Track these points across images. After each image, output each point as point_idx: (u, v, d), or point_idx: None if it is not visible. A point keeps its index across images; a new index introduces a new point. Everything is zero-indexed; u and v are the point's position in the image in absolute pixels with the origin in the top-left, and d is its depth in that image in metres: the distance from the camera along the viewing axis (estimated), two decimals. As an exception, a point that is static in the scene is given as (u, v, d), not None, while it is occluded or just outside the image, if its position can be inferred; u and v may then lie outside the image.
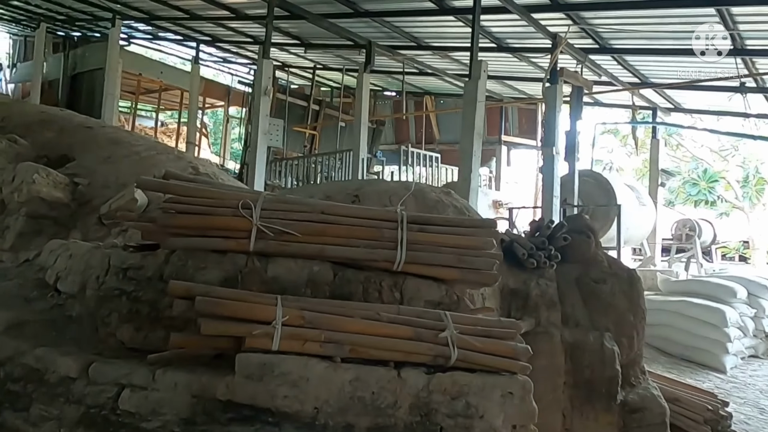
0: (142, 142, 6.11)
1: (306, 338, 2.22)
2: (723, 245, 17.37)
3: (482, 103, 6.88)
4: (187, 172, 5.41)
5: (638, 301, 3.81)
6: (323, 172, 12.99)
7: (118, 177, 5.01)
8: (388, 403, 2.20)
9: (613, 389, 3.54)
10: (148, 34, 17.56)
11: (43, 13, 16.72)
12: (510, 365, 2.38)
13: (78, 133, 6.13)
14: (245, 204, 2.48)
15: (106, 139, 5.94)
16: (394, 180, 11.73)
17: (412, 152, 12.94)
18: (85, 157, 5.56)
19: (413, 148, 13.68)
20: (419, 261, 2.57)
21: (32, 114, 7.01)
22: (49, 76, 19.74)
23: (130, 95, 20.44)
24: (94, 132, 6.23)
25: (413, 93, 17.16)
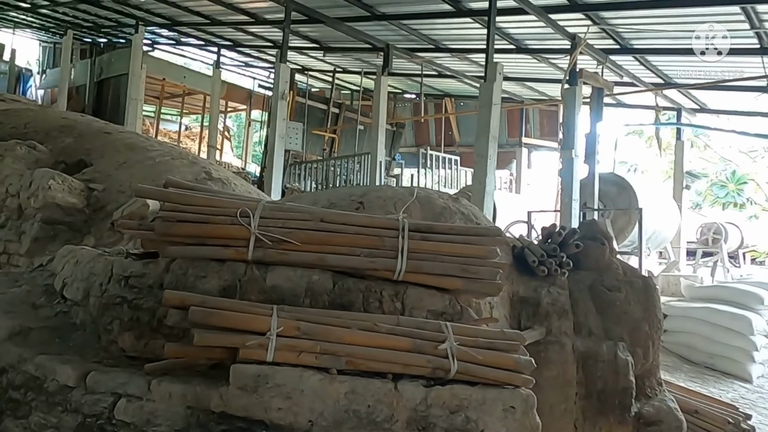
0: (158, 147, 6.16)
1: (301, 349, 2.18)
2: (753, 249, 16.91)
3: (498, 106, 6.79)
4: (201, 177, 5.47)
5: (654, 310, 3.69)
6: (342, 175, 13.01)
7: (133, 182, 5.05)
8: (385, 416, 2.15)
9: (627, 401, 3.43)
10: (172, 40, 17.82)
11: (70, 20, 17.11)
12: (512, 378, 2.31)
13: (96, 139, 6.22)
14: (243, 212, 2.46)
15: (123, 145, 6.01)
16: (402, 186, 11.70)
17: (431, 155, 12.88)
18: (101, 162, 5.63)
19: (432, 151, 13.61)
20: (421, 270, 2.51)
21: (53, 120, 7.14)
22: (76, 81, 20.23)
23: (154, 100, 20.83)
24: (111, 138, 6.31)
25: (433, 95, 17.11)
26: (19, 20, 19.54)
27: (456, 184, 13.06)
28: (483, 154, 6.69)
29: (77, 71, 20.77)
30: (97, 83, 19.52)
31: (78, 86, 20.13)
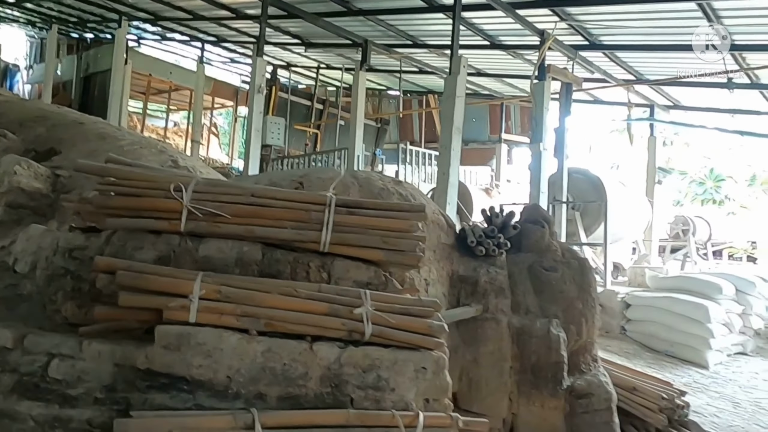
0: (128, 137, 6.28)
1: (223, 311, 2.33)
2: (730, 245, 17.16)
3: (462, 98, 6.95)
4: (167, 165, 5.59)
5: (588, 290, 3.87)
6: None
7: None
8: (299, 374, 2.31)
9: (559, 375, 3.60)
10: (157, 35, 17.89)
11: (55, 15, 17.16)
12: (424, 341, 2.47)
13: (68, 129, 6.33)
14: (177, 187, 2.61)
15: (94, 134, 6.13)
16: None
17: (410, 150, 13.04)
18: (71, 150, 5.75)
19: (412, 147, 13.78)
20: (345, 242, 2.67)
21: (29, 111, 7.24)
22: (63, 77, 20.26)
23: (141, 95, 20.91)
24: (84, 128, 6.42)
25: (417, 92, 17.28)
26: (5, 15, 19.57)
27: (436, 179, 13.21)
28: (447, 145, 6.85)
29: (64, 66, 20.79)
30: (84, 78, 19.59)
31: (65, 81, 20.17)
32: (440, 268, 3.63)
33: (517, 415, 3.63)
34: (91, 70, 19.56)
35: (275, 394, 2.29)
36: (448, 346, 3.55)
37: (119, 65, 14.23)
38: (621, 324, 7.70)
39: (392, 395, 2.37)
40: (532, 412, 3.61)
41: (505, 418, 3.65)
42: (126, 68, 17.30)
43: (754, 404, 5.73)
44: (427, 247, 3.55)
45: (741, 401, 5.78)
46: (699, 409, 5.35)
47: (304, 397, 2.30)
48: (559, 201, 8.56)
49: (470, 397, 3.64)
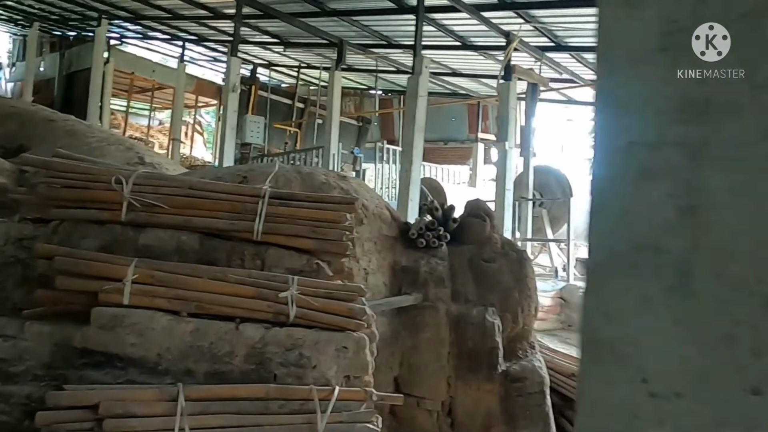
0: (98, 134, 6.43)
1: (155, 295, 2.52)
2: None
3: (424, 98, 7.16)
4: (133, 161, 5.75)
5: (525, 280, 4.09)
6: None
7: (65, 165, 5.35)
8: (225, 352, 2.50)
9: (494, 360, 3.81)
10: (139, 34, 17.96)
11: (36, 12, 17.17)
12: (345, 323, 2.67)
13: (39, 126, 6.47)
14: (117, 179, 2.79)
15: (63, 131, 6.28)
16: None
17: (387, 149, 13.23)
18: (40, 147, 5.89)
19: (389, 145, 13.96)
20: (277, 232, 2.86)
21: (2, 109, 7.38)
22: (46, 74, 20.25)
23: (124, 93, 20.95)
24: (54, 125, 6.57)
25: (397, 91, 17.47)
26: (-14, 12, 19.52)
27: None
28: (409, 143, 7.06)
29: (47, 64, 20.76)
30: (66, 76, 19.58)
31: (48, 79, 20.13)
32: (381, 258, 3.83)
33: (455, 398, 3.84)
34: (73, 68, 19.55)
35: (203, 371, 2.48)
36: (390, 333, 3.80)
37: (99, 63, 14.32)
38: (582, 317, 7.94)
39: (314, 372, 2.57)
40: (469, 395, 3.83)
41: (444, 401, 3.86)
42: (108, 66, 17.37)
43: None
44: (368, 239, 3.76)
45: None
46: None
47: (230, 373, 2.50)
48: (525, 198, 8.80)
49: (410, 380, 3.85)
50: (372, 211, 3.82)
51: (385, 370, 3.76)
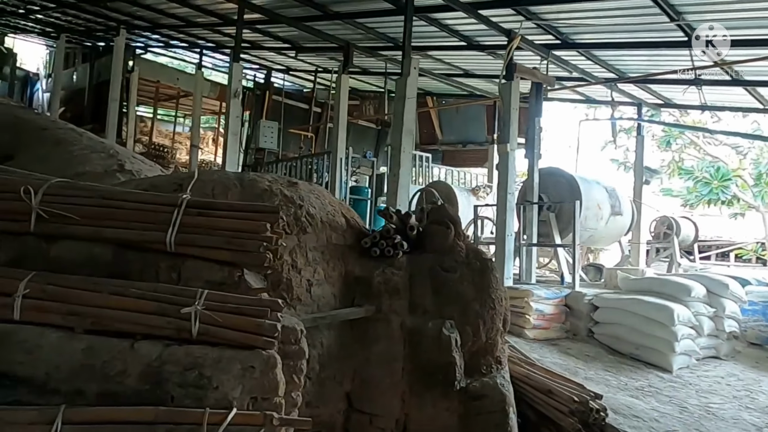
0: (85, 142, 6.45)
1: (48, 310, 2.41)
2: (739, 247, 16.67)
3: (412, 100, 6.95)
4: (111, 169, 5.74)
5: (487, 291, 3.85)
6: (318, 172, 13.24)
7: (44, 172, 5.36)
8: (118, 371, 2.36)
9: (451, 376, 3.59)
10: (161, 42, 18.28)
11: (63, 24, 17.68)
12: (252, 340, 2.50)
13: (29, 135, 6.53)
14: (26, 189, 2.70)
15: (51, 140, 6.31)
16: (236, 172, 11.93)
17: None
18: (22, 156, 5.96)
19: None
20: (190, 243, 2.72)
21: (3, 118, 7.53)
22: (78, 84, 20.87)
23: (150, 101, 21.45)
24: (45, 133, 6.61)
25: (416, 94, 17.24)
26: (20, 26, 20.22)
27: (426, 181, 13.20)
28: (397, 146, 6.85)
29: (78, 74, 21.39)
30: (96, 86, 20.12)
31: (79, 89, 20.73)
32: (330, 268, 3.66)
33: (409, 415, 3.63)
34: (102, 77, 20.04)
35: (94, 391, 2.35)
36: (339, 346, 3.62)
37: (117, 72, 14.56)
38: (588, 326, 7.57)
39: (215, 393, 2.41)
40: (424, 413, 3.62)
41: (398, 419, 3.65)
42: (133, 75, 17.77)
43: (703, 409, 5.58)
44: (314, 248, 3.59)
45: (690, 406, 5.63)
46: (641, 414, 5.25)
47: (123, 394, 2.36)
48: (529, 202, 8.47)
49: (362, 396, 3.66)
50: (320, 219, 3.65)
51: (334, 385, 3.58)
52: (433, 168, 14.09)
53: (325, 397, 3.52)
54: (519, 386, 4.38)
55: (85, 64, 21.49)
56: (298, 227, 3.48)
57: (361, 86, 17.54)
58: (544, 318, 7.36)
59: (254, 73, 17.93)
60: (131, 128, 18.57)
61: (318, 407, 3.50)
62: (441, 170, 14.38)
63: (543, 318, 7.33)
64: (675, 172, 18.75)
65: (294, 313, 3.27)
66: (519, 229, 8.78)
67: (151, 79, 19.85)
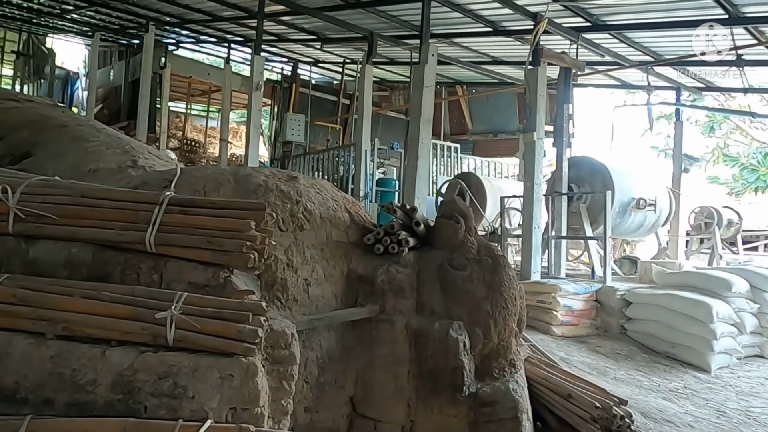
0: (102, 139, 6.43)
1: (17, 315, 2.30)
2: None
3: (431, 88, 6.68)
4: (125, 165, 5.70)
5: (499, 290, 3.60)
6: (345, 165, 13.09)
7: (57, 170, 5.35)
8: (88, 380, 2.24)
9: (458, 381, 3.37)
10: (191, 38, 18.42)
11: (98, 23, 17.99)
12: (231, 347, 2.34)
13: (48, 132, 6.56)
14: (3, 188, 2.60)
15: (69, 137, 6.31)
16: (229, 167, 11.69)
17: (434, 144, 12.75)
18: (40, 153, 5.98)
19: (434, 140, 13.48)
20: (170, 243, 2.58)
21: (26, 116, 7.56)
22: (115, 82, 21.27)
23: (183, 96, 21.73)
24: (64, 130, 6.62)
25: (444, 83, 16.92)
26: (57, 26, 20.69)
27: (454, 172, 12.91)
28: (415, 137, 6.60)
29: (115, 72, 21.81)
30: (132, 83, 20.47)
31: (116, 87, 21.15)
32: (331, 267, 3.47)
33: (415, 422, 3.43)
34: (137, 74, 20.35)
35: (63, 401, 2.23)
36: (341, 349, 3.44)
37: (147, 69, 14.71)
38: (620, 323, 7.21)
39: (191, 404, 2.26)
40: (431, 420, 3.41)
41: (404, 425, 3.46)
42: (165, 71, 17.98)
43: (743, 414, 5.20)
44: (312, 245, 3.42)
45: (729, 410, 5.27)
46: (673, 418, 4.93)
47: (93, 403, 2.23)
48: (558, 192, 8.12)
49: (366, 401, 3.48)
50: (319, 215, 3.46)
51: (336, 390, 3.41)
52: (463, 159, 13.77)
53: (325, 402, 3.35)
54: (538, 390, 4.13)
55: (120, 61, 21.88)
56: (294, 224, 3.30)
57: (390, 77, 17.29)
58: (572, 314, 7.04)
59: (282, 66, 17.88)
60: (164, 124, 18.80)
61: (318, 412, 3.34)
62: (471, 161, 14.05)
63: (571, 314, 7.01)
64: (719, 159, 17.87)
65: (289, 315, 3.10)
66: (548, 221, 8.44)
67: (184, 74, 20.06)
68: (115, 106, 21.74)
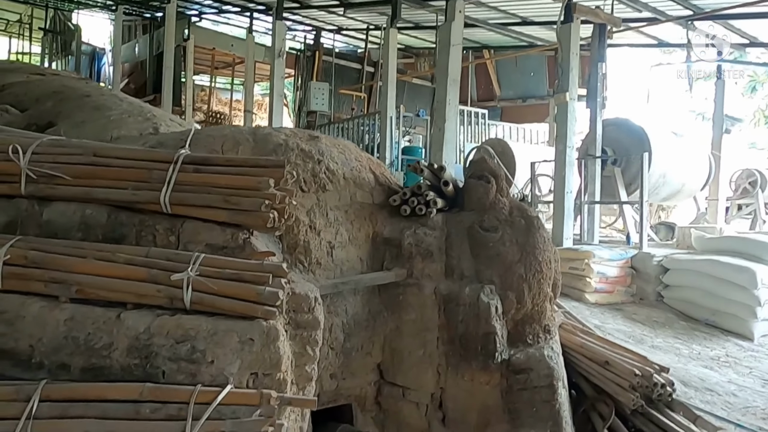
0: (124, 107, 6.37)
1: (29, 278, 2.22)
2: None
3: (458, 47, 6.39)
4: (146, 132, 5.63)
5: (533, 252, 3.41)
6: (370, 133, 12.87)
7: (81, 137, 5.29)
8: (104, 344, 2.15)
9: (491, 347, 3.22)
10: (214, 8, 18.21)
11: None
12: (251, 310, 2.23)
13: (71, 102, 6.51)
14: (14, 148, 2.50)
15: (91, 106, 6.25)
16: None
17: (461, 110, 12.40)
18: (64, 122, 5.93)
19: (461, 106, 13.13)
20: (185, 202, 2.45)
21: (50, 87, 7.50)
22: (140, 56, 21.25)
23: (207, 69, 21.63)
24: (87, 100, 6.56)
25: (471, 48, 16.44)
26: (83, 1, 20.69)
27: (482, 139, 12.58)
28: (442, 98, 6.34)
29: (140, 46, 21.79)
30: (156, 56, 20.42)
31: (141, 61, 21.14)
32: (356, 229, 3.32)
33: (446, 389, 3.30)
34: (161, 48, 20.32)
35: (79, 365, 2.15)
36: (367, 314, 3.31)
37: (171, 40, 14.61)
38: (657, 290, 6.95)
39: (210, 369, 2.16)
40: (461, 387, 3.28)
41: (434, 393, 3.34)
42: (189, 43, 17.85)
43: (790, 382, 4.95)
44: (336, 207, 3.27)
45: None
46: (716, 386, 4.72)
47: (110, 368, 2.15)
48: (592, 156, 7.80)
49: (394, 368, 3.36)
50: (342, 175, 3.30)
51: (362, 356, 3.29)
52: (491, 125, 13.41)
53: (352, 369, 3.24)
54: (573, 357, 3.95)
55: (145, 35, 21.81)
56: (316, 184, 3.16)
57: (415, 43, 16.87)
58: (606, 281, 6.80)
59: (304, 34, 17.59)
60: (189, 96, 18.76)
61: (345, 379, 3.24)
62: (499, 127, 13.68)
63: (605, 281, 6.77)
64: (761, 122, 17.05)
65: (312, 279, 2.98)
66: (580, 186, 8.13)
67: (207, 46, 19.91)
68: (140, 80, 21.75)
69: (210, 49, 20.02)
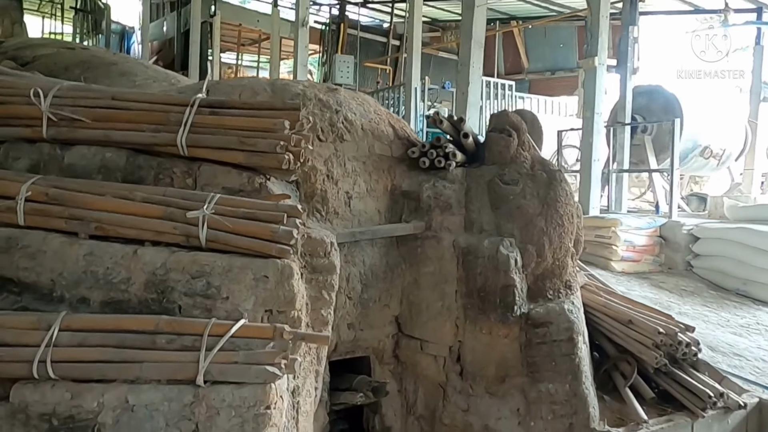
0: (149, 73, 6.46)
1: (51, 214, 2.26)
2: None
3: (483, 7, 6.24)
4: (170, 96, 5.71)
5: (554, 205, 3.35)
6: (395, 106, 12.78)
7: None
8: (122, 278, 2.19)
9: (509, 300, 3.19)
10: (239, -17, 18.20)
11: (146, -28, 18.01)
12: (266, 248, 2.24)
13: (98, 70, 6.61)
14: (35, 92, 2.54)
15: (116, 73, 6.36)
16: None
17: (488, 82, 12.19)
18: (91, 87, 6.04)
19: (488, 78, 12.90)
20: (201, 144, 2.46)
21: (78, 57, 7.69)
22: (168, 34, 21.37)
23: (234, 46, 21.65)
24: (113, 68, 6.68)
25: (499, 19, 16.11)
26: (109, -20, 20.84)
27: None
28: (465, 62, 6.22)
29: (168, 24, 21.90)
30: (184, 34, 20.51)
31: (169, 38, 21.28)
32: (373, 181, 3.31)
33: (464, 342, 3.29)
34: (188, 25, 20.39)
35: (98, 299, 2.19)
36: (385, 266, 3.30)
37: (197, 16, 14.67)
38: (687, 259, 6.78)
39: (225, 304, 2.19)
40: (479, 340, 3.26)
41: (452, 346, 3.32)
42: (215, 19, 17.87)
43: (823, 350, 4.80)
44: (353, 158, 3.26)
45: (807, 346, 4.87)
46: (744, 352, 4.60)
47: (128, 302, 2.19)
48: (621, 123, 7.60)
49: (412, 321, 3.36)
50: (360, 126, 3.28)
51: (380, 308, 3.30)
52: (518, 97, 13.14)
53: (369, 320, 3.25)
54: (595, 316, 3.90)
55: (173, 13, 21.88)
56: (333, 134, 3.14)
57: (442, 15, 16.61)
58: (634, 249, 6.66)
59: (329, 7, 17.46)
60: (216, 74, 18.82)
61: (363, 330, 3.25)
62: (527, 100, 13.42)
63: (633, 249, 6.62)
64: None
65: (330, 227, 2.98)
66: (609, 155, 7.95)
67: (233, 22, 19.90)
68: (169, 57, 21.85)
69: (236, 25, 20.01)
